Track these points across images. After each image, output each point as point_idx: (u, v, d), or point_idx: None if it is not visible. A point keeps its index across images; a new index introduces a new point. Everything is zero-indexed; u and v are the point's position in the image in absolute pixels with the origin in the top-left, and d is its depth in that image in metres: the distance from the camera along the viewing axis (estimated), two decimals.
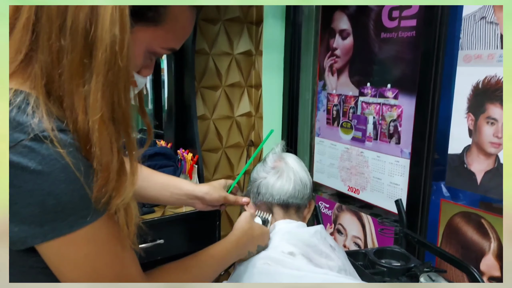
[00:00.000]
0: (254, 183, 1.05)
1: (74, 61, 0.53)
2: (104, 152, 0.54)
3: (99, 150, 0.54)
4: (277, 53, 2.03)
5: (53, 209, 0.52)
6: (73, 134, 0.55)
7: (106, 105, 0.54)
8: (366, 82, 1.64)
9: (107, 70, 0.53)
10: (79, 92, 0.54)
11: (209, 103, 2.02)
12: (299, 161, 1.06)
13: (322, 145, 1.91)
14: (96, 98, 0.53)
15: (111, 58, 0.53)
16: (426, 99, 1.40)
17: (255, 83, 2.12)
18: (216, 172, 2.10)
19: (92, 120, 0.53)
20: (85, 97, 0.54)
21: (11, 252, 0.55)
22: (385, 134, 1.58)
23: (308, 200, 1.05)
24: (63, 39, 0.53)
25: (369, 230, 1.73)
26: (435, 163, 1.41)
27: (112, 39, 0.53)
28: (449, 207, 1.37)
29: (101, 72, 0.53)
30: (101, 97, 0.54)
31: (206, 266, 0.77)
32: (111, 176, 0.55)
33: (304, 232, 0.97)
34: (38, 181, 0.51)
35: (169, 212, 1.63)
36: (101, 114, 0.54)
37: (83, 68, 0.53)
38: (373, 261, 1.20)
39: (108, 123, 0.55)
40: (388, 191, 1.59)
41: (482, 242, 1.28)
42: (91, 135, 0.54)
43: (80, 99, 0.54)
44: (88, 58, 0.53)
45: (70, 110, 0.54)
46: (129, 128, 0.58)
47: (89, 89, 0.53)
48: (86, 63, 0.53)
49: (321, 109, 1.90)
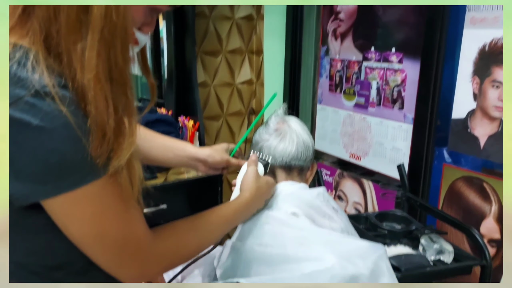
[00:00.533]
0: (256, 146, 1.04)
1: (70, 16, 0.52)
2: (99, 111, 0.53)
3: (94, 109, 0.53)
4: (279, 17, 1.98)
5: (56, 166, 0.52)
6: (72, 92, 0.54)
7: (102, 63, 0.53)
8: (370, 46, 1.61)
9: (103, 26, 0.52)
10: (76, 48, 0.53)
11: (209, 70, 1.99)
12: (301, 124, 1.05)
13: (324, 112, 1.89)
14: (91, 55, 0.52)
15: (107, 14, 0.52)
16: (431, 63, 1.37)
17: (256, 49, 2.08)
18: (217, 139, 2.09)
19: (87, 78, 0.53)
20: (81, 54, 0.53)
21: (13, 210, 0.55)
22: (388, 100, 1.57)
23: (311, 162, 1.05)
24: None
25: (370, 196, 1.74)
26: (437, 129, 1.40)
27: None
28: (451, 171, 1.37)
29: (96, 28, 0.52)
30: (97, 54, 0.52)
31: (214, 226, 0.76)
32: (107, 136, 0.54)
33: (307, 193, 0.98)
34: (41, 138, 0.51)
35: (171, 178, 1.64)
36: (96, 72, 0.53)
37: (80, 23, 0.52)
38: (374, 224, 1.22)
39: (104, 82, 0.53)
40: (390, 156, 1.58)
41: (483, 205, 1.29)
42: (86, 93, 0.53)
43: (77, 56, 0.53)
44: (84, 14, 0.52)
45: (68, 67, 0.54)
46: (127, 88, 0.57)
47: (85, 45, 0.52)
48: (82, 19, 0.52)
49: (323, 75, 1.87)
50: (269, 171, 1.02)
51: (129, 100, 0.57)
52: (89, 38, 0.52)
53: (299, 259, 0.80)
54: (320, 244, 0.83)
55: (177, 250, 0.70)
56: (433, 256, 1.05)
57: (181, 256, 0.72)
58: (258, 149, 1.03)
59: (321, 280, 0.76)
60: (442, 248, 1.06)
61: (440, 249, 1.05)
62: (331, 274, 0.76)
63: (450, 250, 1.06)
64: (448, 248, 1.06)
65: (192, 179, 1.66)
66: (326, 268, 0.76)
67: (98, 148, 0.54)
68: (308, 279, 0.75)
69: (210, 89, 2.02)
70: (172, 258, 0.70)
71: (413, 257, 1.04)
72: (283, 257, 0.81)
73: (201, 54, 1.95)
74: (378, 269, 0.79)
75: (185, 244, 0.71)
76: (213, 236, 0.76)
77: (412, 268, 0.99)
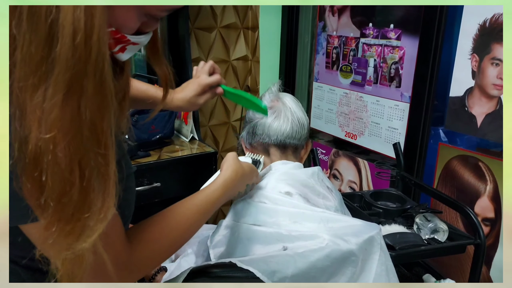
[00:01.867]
0: (250, 124, 1.02)
1: (29, 55, 0.40)
2: (57, 179, 0.41)
3: (51, 179, 0.41)
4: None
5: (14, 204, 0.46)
6: (15, 160, 0.42)
7: (68, 116, 0.41)
8: (368, 23, 1.58)
9: (70, 67, 0.40)
10: (33, 98, 0.40)
11: (203, 46, 1.95)
12: (296, 101, 1.03)
13: (320, 90, 1.87)
14: (53, 105, 0.40)
15: (75, 49, 0.40)
16: (430, 39, 1.34)
17: (252, 25, 2.03)
18: (212, 117, 2.07)
19: (44, 138, 0.40)
20: (40, 106, 0.40)
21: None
22: (385, 78, 1.54)
23: (305, 140, 1.03)
24: (18, 28, 0.40)
25: (365, 175, 1.73)
26: (434, 109, 1.39)
27: (74, 25, 0.40)
28: (447, 150, 1.37)
29: (62, 70, 0.40)
30: (61, 105, 0.40)
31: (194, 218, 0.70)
32: (64, 213, 0.43)
33: (301, 172, 0.96)
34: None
35: (165, 156, 1.62)
36: (58, 129, 0.40)
37: (41, 64, 0.40)
38: (369, 203, 1.21)
39: (69, 141, 0.41)
40: (386, 135, 1.57)
41: (478, 184, 1.28)
42: (41, 158, 0.41)
43: (33, 109, 0.41)
44: (46, 51, 0.40)
45: (19, 124, 0.41)
46: (102, 148, 0.43)
47: (46, 94, 0.40)
48: (43, 58, 0.40)
49: (320, 52, 1.84)
50: (263, 149, 1.01)
51: (104, 164, 0.44)
52: (51, 81, 0.40)
53: (293, 238, 0.79)
54: (314, 222, 0.82)
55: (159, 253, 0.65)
56: (427, 235, 1.05)
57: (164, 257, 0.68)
58: (252, 127, 1.01)
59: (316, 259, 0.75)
60: (437, 227, 1.05)
61: (435, 228, 1.05)
62: (325, 253, 0.75)
63: (445, 229, 1.06)
64: (443, 227, 1.06)
65: (186, 157, 1.65)
66: (321, 247, 0.76)
67: (53, 226, 0.43)
68: (302, 259, 0.75)
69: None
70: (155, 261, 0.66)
71: (408, 235, 1.04)
72: (277, 236, 0.80)
73: (194, 30, 1.91)
74: (372, 247, 0.79)
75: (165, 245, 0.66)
76: (193, 227, 0.70)
77: (406, 246, 0.99)
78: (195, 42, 1.92)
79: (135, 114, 1.65)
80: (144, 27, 0.55)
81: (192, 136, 1.83)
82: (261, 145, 1.00)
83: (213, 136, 2.09)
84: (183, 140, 1.84)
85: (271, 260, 0.74)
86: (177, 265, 1.01)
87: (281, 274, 0.73)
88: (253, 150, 1.02)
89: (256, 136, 1.00)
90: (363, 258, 0.78)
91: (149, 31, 0.56)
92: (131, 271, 0.61)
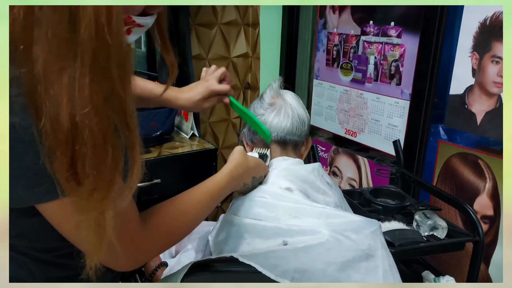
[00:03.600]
0: None
1: (56, 36, 0.43)
2: (97, 152, 0.45)
3: (92, 150, 0.45)
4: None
5: (36, 178, 0.49)
6: (45, 138, 0.45)
7: (97, 93, 0.45)
8: (369, 20, 1.58)
9: (94, 48, 0.43)
10: (61, 79, 0.44)
11: (204, 42, 1.95)
12: (297, 98, 1.03)
13: (320, 87, 1.87)
14: (83, 84, 0.44)
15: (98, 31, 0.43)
16: (431, 37, 1.35)
17: (252, 21, 2.03)
18: (212, 114, 2.07)
19: (80, 114, 0.44)
20: (69, 85, 0.43)
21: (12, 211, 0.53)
22: (386, 75, 1.54)
23: (306, 137, 1.03)
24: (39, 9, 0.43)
25: (365, 172, 1.74)
26: (434, 106, 1.39)
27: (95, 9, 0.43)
28: (447, 148, 1.37)
29: (87, 50, 0.43)
30: (90, 83, 0.44)
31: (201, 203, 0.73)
32: (103, 179, 0.47)
33: (301, 168, 0.97)
34: (24, 154, 0.48)
35: (165, 153, 1.62)
36: (92, 105, 0.44)
37: (67, 46, 0.43)
38: (368, 200, 1.21)
39: (101, 116, 0.45)
40: (386, 133, 1.57)
41: (478, 182, 1.29)
42: (80, 133, 0.44)
43: (62, 88, 0.44)
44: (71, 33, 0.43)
45: (50, 104, 0.44)
46: (128, 118, 0.48)
47: (74, 74, 0.43)
48: (69, 40, 0.43)
49: (320, 49, 1.84)
50: (264, 146, 1.01)
51: (131, 131, 0.49)
52: (78, 64, 0.43)
53: (293, 232, 0.79)
54: (314, 217, 0.82)
55: (169, 235, 0.68)
56: (426, 232, 1.06)
57: (173, 240, 0.71)
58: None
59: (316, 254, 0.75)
60: (436, 224, 1.06)
61: (434, 225, 1.06)
62: (326, 248, 0.76)
63: (444, 226, 1.06)
64: (442, 224, 1.06)
65: (186, 153, 1.65)
66: (321, 242, 0.76)
67: (93, 194, 0.47)
68: (303, 254, 0.75)
69: (205, 62, 1.98)
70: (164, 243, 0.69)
71: (407, 232, 1.05)
72: (277, 230, 0.80)
73: (195, 26, 1.90)
74: (374, 244, 0.79)
75: (175, 227, 0.68)
76: (201, 213, 0.73)
77: (405, 243, 1.00)
78: (196, 38, 1.92)
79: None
80: (149, 9, 0.56)
81: (192, 132, 1.83)
82: (262, 141, 1.00)
83: (213, 132, 2.09)
84: (183, 136, 1.85)
85: (272, 255, 0.75)
86: (177, 261, 1.02)
87: (282, 268, 0.73)
88: (254, 147, 1.03)
89: (257, 133, 1.00)
90: (369, 253, 0.78)
91: (154, 13, 0.57)
92: (143, 251, 0.63)
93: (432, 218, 1.08)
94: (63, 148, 0.45)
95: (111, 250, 0.56)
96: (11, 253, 0.59)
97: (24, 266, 0.61)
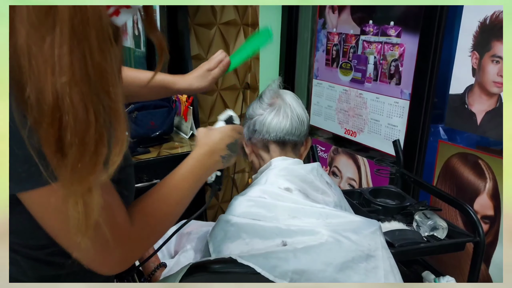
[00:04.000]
0: (250, 121, 1.02)
1: (33, 8, 0.44)
2: (79, 120, 0.46)
3: (73, 119, 0.46)
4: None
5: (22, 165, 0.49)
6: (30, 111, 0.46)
7: (77, 61, 0.45)
8: (368, 20, 1.57)
9: (72, 17, 0.44)
10: (42, 46, 0.44)
11: (203, 42, 1.95)
12: (296, 98, 1.03)
13: (320, 87, 1.87)
14: (63, 52, 0.44)
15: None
16: (430, 37, 1.34)
17: (252, 22, 2.02)
18: (211, 114, 2.06)
19: (60, 82, 0.45)
20: (50, 53, 0.44)
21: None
22: (385, 75, 1.54)
23: (305, 137, 1.03)
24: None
25: (364, 172, 1.73)
26: (434, 106, 1.39)
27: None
28: (447, 148, 1.36)
29: (65, 19, 0.44)
30: (69, 51, 0.44)
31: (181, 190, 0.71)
32: (87, 149, 0.47)
33: (300, 168, 0.96)
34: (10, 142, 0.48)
35: (164, 153, 1.62)
36: (71, 73, 0.45)
37: (46, 16, 0.44)
38: (368, 200, 1.21)
39: (81, 84, 0.46)
40: (386, 132, 1.57)
41: (478, 182, 1.28)
42: (61, 102, 0.45)
43: (44, 56, 0.44)
44: (49, 3, 0.44)
45: (32, 72, 0.45)
46: (109, 87, 0.48)
47: (53, 42, 0.44)
48: (47, 10, 0.44)
49: (320, 49, 1.83)
50: (263, 146, 1.00)
51: (113, 101, 0.49)
52: (57, 32, 0.44)
53: (292, 232, 0.79)
54: (313, 218, 0.82)
55: (156, 228, 0.68)
56: (427, 232, 1.05)
57: (160, 232, 0.70)
58: (252, 123, 1.01)
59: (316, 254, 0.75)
60: (436, 225, 1.05)
61: (434, 225, 1.05)
62: (325, 248, 0.75)
63: (444, 226, 1.06)
64: (442, 224, 1.06)
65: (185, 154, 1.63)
66: (320, 243, 0.75)
67: (78, 164, 0.47)
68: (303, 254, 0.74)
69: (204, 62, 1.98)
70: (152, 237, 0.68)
71: (407, 232, 1.04)
72: (276, 230, 0.80)
73: (194, 26, 1.90)
74: (374, 244, 0.79)
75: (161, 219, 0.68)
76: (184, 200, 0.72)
77: (405, 243, 0.99)
78: (195, 38, 1.92)
79: (134, 111, 1.65)
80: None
81: (192, 132, 1.83)
82: (261, 141, 1.00)
83: None
84: (182, 136, 1.84)
85: (271, 256, 0.74)
86: (176, 261, 1.01)
87: (281, 269, 0.73)
88: (253, 146, 1.02)
89: (256, 132, 1.00)
90: (369, 254, 0.78)
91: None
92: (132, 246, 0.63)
93: (432, 218, 1.07)
94: (48, 119, 0.46)
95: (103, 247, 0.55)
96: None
97: (15, 263, 0.60)
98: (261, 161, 1.02)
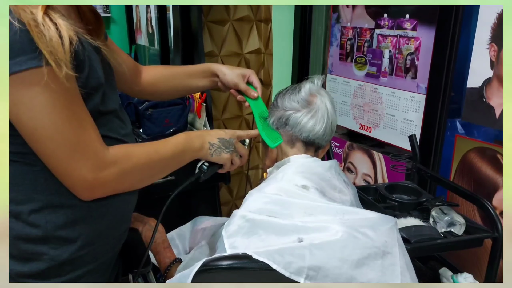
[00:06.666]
0: (282, 112, 1.00)
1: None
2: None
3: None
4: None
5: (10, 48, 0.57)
6: None
7: None
8: (383, 13, 1.55)
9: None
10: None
11: (216, 39, 1.95)
12: (333, 102, 1.03)
13: (334, 82, 1.85)
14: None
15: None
16: (447, 29, 1.32)
17: (265, 17, 2.02)
18: (225, 111, 2.07)
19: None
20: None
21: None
22: (401, 69, 1.52)
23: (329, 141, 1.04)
24: None
25: (380, 167, 1.72)
26: (451, 100, 1.36)
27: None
28: (464, 142, 1.34)
29: None
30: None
31: (165, 154, 0.83)
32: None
33: (319, 165, 0.96)
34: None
35: None
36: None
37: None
38: (384, 196, 1.20)
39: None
40: (402, 128, 1.55)
41: (496, 177, 1.26)
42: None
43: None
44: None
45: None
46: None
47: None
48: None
49: (334, 44, 1.82)
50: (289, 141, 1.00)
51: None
52: None
53: (308, 229, 0.79)
54: (330, 215, 0.81)
55: (129, 169, 0.73)
56: (444, 228, 1.04)
57: (133, 175, 0.76)
58: (286, 116, 0.99)
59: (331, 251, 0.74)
60: (453, 220, 1.04)
61: (451, 221, 1.04)
62: (341, 245, 0.75)
63: (462, 222, 1.04)
64: (460, 220, 1.04)
65: None
66: (336, 239, 0.75)
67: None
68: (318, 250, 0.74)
69: (217, 59, 1.98)
70: (127, 176, 0.74)
71: (423, 228, 1.03)
72: (292, 227, 0.80)
73: (208, 23, 1.90)
74: (390, 241, 0.78)
75: (135, 164, 0.75)
76: (161, 163, 0.83)
77: (422, 239, 0.98)
78: (208, 35, 1.92)
79: (149, 109, 1.66)
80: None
81: (205, 129, 1.83)
82: (289, 136, 0.99)
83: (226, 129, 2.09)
84: None
85: (287, 252, 0.74)
86: (191, 257, 1.02)
87: (297, 265, 0.72)
88: None
89: (288, 127, 0.99)
90: (385, 250, 0.77)
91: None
92: (102, 164, 0.69)
93: (449, 214, 1.06)
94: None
95: (70, 156, 0.63)
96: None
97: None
98: (280, 154, 1.02)
